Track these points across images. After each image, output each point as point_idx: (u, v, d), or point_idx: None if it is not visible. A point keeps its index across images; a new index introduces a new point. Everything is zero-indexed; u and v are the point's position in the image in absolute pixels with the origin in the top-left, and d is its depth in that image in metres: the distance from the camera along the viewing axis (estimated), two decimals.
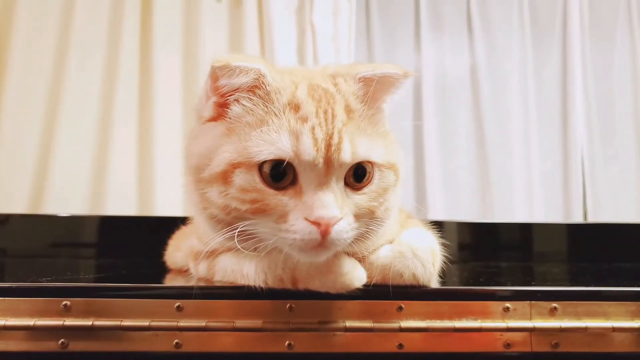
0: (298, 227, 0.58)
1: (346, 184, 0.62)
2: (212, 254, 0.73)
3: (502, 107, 1.89)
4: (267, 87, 0.62)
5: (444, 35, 1.94)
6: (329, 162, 0.59)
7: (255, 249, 0.63)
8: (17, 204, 1.48)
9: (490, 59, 1.91)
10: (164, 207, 1.52)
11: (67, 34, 1.57)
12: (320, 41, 1.67)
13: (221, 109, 0.65)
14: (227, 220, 0.62)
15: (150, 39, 1.62)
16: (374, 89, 0.65)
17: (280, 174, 0.60)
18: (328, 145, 0.59)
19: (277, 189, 0.60)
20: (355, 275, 0.64)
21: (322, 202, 0.58)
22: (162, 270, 0.90)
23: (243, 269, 0.67)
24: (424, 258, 0.67)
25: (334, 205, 0.58)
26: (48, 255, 1.30)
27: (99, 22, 1.61)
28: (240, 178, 0.60)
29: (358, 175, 0.62)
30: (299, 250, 0.60)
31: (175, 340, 0.66)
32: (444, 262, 0.74)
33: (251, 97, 0.62)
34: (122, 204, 1.54)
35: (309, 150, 0.58)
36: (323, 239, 0.58)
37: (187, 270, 0.81)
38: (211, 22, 1.67)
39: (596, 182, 1.86)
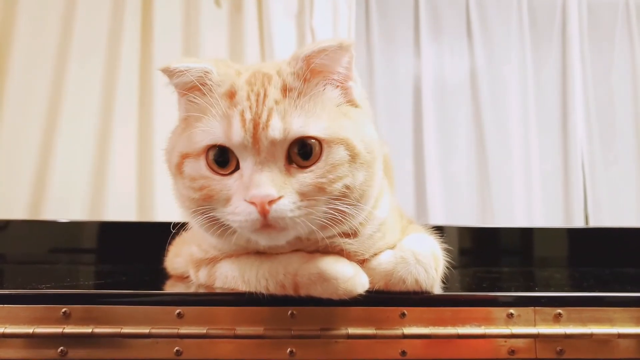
0: (239, 208, 0.60)
1: (294, 162, 0.62)
2: (213, 260, 0.73)
3: (502, 110, 1.89)
4: (210, 82, 0.65)
5: (444, 39, 1.94)
6: (257, 141, 0.60)
7: (224, 236, 0.64)
8: (16, 210, 1.47)
9: (489, 62, 1.91)
10: (164, 212, 1.52)
11: (68, 37, 1.57)
12: None
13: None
14: (199, 210, 0.64)
15: (150, 43, 1.63)
16: (317, 65, 0.64)
17: (226, 161, 0.62)
18: (256, 125, 0.60)
19: (223, 175, 0.62)
20: (358, 281, 0.64)
21: (255, 181, 0.59)
22: (162, 276, 0.90)
23: (244, 276, 0.67)
24: (427, 263, 0.67)
25: (268, 184, 0.58)
26: (47, 262, 1.29)
27: (99, 25, 1.61)
28: (189, 167, 0.64)
29: (306, 153, 0.62)
30: (250, 232, 0.61)
31: (176, 348, 0.66)
32: (446, 268, 0.74)
33: (197, 94, 0.65)
34: (121, 209, 1.54)
35: (237, 132, 0.60)
36: (264, 218, 0.58)
37: (187, 277, 0.81)
38: (211, 26, 1.67)
39: (597, 185, 1.86)
